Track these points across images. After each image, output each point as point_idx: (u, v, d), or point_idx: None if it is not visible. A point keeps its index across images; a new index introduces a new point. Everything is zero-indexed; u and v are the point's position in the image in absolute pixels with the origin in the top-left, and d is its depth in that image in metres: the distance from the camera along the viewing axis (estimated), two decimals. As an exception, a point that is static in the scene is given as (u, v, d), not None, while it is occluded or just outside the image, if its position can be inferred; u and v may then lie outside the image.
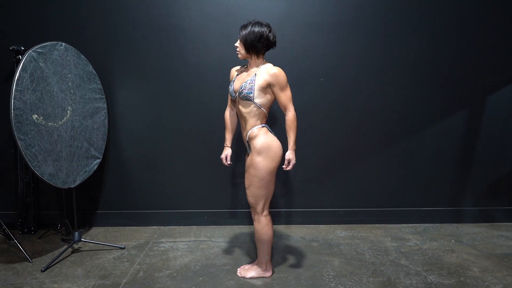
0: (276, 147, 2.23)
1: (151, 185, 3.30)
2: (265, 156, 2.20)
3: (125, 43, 3.09)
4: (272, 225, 2.35)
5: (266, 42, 2.20)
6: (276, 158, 2.23)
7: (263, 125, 2.26)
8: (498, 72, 3.22)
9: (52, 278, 2.42)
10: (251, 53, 2.23)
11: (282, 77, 2.19)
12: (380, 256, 2.75)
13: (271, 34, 2.21)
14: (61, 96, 2.65)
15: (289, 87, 2.23)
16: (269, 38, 2.20)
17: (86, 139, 2.88)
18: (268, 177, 2.23)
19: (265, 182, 2.23)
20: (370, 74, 3.18)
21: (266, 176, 2.22)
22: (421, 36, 3.14)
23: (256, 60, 2.25)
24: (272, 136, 2.26)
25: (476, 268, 2.57)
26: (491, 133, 3.30)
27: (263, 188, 2.24)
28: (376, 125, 3.26)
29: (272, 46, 2.25)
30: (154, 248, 2.89)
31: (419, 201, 3.39)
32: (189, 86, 3.16)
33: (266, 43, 2.20)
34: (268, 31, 2.19)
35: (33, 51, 2.45)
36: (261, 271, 2.43)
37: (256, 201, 2.28)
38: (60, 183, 2.62)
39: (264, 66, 2.24)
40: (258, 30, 2.17)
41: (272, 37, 2.21)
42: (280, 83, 2.19)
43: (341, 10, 3.08)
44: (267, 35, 2.18)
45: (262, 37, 2.17)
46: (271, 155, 2.21)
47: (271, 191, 2.30)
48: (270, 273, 2.44)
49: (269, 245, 2.37)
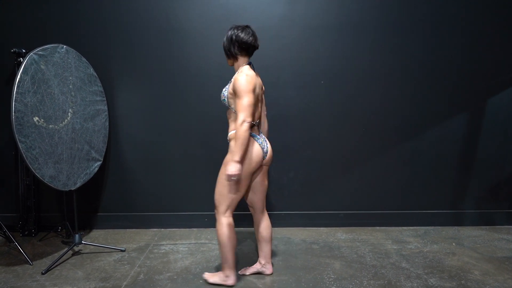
0: (251, 152, 2.18)
1: (152, 187, 3.30)
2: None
3: (126, 46, 3.10)
4: (233, 231, 2.25)
5: (238, 44, 2.15)
6: (248, 163, 2.17)
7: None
8: (499, 75, 3.22)
9: (52, 281, 2.41)
10: (231, 59, 2.23)
11: (241, 84, 2.07)
12: (381, 259, 2.74)
13: (243, 33, 2.14)
14: (62, 98, 2.66)
15: (248, 95, 2.07)
16: (239, 39, 2.14)
17: (87, 141, 2.89)
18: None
19: (232, 184, 2.18)
20: (371, 77, 3.18)
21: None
22: (423, 39, 3.14)
23: (237, 64, 2.24)
24: (251, 141, 2.19)
25: (477, 271, 2.56)
26: (492, 136, 3.30)
27: (230, 189, 2.18)
28: (377, 128, 3.26)
29: (248, 46, 2.17)
30: (154, 250, 2.89)
31: (419, 204, 3.38)
32: (189, 89, 3.17)
33: (238, 44, 2.15)
34: (240, 31, 2.14)
35: (34, 54, 2.46)
36: (224, 277, 2.33)
37: (219, 200, 2.22)
38: (60, 186, 2.62)
39: (241, 70, 2.19)
40: (230, 33, 2.17)
41: (244, 37, 2.14)
42: (237, 89, 2.08)
43: (343, 13, 3.09)
44: (237, 35, 2.14)
45: (232, 39, 2.16)
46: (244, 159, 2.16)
47: (239, 195, 2.22)
48: (232, 282, 2.31)
49: (228, 250, 2.25)
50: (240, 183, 2.19)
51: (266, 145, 2.26)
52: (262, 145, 2.23)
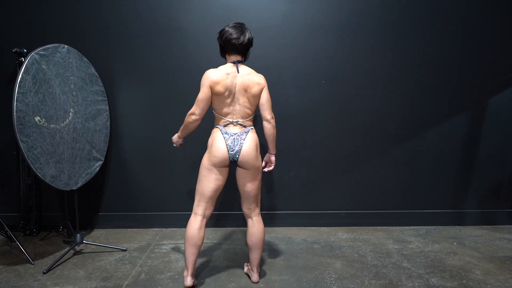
0: (210, 146, 2.24)
1: (153, 187, 3.30)
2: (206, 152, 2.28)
3: (127, 45, 3.10)
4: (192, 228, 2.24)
5: (222, 40, 2.19)
6: (207, 156, 2.25)
7: (216, 126, 2.29)
8: (500, 75, 3.22)
9: (54, 280, 2.42)
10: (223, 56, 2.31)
11: (203, 77, 2.20)
12: (382, 258, 2.74)
13: (230, 29, 2.16)
14: (63, 98, 2.66)
15: (202, 88, 2.18)
16: (222, 34, 2.18)
17: (88, 141, 2.89)
18: (202, 171, 2.26)
19: (200, 176, 2.27)
20: (371, 77, 3.18)
21: (200, 170, 2.27)
22: (423, 38, 3.14)
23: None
24: (215, 135, 2.23)
25: (478, 271, 2.56)
26: (493, 136, 3.30)
27: (198, 181, 2.28)
28: (378, 127, 3.25)
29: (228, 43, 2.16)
30: (155, 250, 2.89)
31: (421, 204, 3.38)
32: (191, 88, 3.16)
33: (222, 40, 2.19)
34: (229, 27, 2.17)
35: (35, 54, 2.46)
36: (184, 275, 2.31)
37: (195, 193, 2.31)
38: (62, 185, 2.62)
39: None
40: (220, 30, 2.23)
41: (227, 33, 2.15)
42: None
43: (343, 13, 3.08)
44: (222, 31, 2.18)
45: (219, 34, 2.21)
46: (206, 153, 2.26)
47: (203, 189, 2.25)
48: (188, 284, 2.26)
49: (186, 247, 2.26)
50: (203, 176, 2.25)
51: (235, 145, 2.19)
52: (230, 143, 2.19)
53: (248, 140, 2.21)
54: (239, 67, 2.20)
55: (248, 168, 2.25)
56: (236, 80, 2.19)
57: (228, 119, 2.25)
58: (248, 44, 2.21)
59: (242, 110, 2.23)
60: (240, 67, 2.21)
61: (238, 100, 2.22)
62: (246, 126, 2.26)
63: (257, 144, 2.27)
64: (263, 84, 2.25)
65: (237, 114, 2.24)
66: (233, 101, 2.22)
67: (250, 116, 2.27)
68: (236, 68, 2.20)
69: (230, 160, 2.22)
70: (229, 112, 2.24)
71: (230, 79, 2.18)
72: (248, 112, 2.25)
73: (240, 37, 2.15)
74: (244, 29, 2.18)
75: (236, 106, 2.23)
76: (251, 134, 2.25)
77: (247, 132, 2.24)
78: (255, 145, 2.24)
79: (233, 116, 2.24)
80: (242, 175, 2.29)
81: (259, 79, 2.23)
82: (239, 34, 2.15)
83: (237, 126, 2.24)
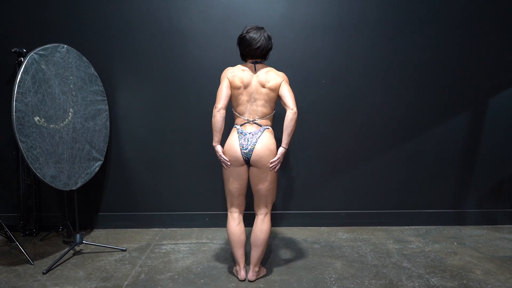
0: (226, 145, 2.30)
1: (153, 187, 3.29)
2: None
3: (127, 45, 3.10)
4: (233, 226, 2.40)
5: (241, 48, 2.28)
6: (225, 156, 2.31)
7: (234, 126, 2.34)
8: (500, 74, 3.21)
9: (53, 281, 2.42)
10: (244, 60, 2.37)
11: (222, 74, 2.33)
12: (382, 258, 2.74)
13: (249, 38, 2.20)
14: (62, 98, 2.66)
15: (221, 82, 2.28)
16: (242, 43, 2.25)
17: (88, 141, 2.89)
18: (223, 171, 2.38)
19: (223, 176, 2.39)
20: (372, 77, 3.18)
21: (223, 170, 2.38)
22: (423, 38, 3.13)
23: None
24: (231, 135, 2.31)
25: (478, 271, 2.55)
26: (494, 135, 3.29)
27: (224, 181, 2.41)
28: (378, 127, 3.25)
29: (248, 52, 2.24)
30: (155, 250, 2.88)
31: (421, 203, 3.38)
32: (190, 88, 3.17)
33: (241, 48, 2.27)
34: (248, 34, 2.21)
35: (35, 53, 2.46)
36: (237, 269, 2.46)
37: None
38: (61, 185, 2.62)
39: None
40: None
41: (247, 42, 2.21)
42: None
43: (344, 13, 3.08)
44: (242, 40, 2.24)
45: (239, 42, 2.28)
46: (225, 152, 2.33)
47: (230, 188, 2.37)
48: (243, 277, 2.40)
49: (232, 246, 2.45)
50: (223, 174, 2.37)
51: (249, 144, 2.21)
52: (243, 142, 2.22)
53: (262, 139, 2.23)
54: (256, 67, 2.27)
55: (260, 167, 2.27)
56: (253, 79, 2.24)
57: (245, 117, 2.28)
58: (268, 51, 2.28)
59: (259, 109, 2.27)
60: (258, 67, 2.28)
61: (255, 100, 2.26)
62: (262, 125, 2.28)
63: (272, 144, 2.26)
64: (282, 78, 2.27)
65: (253, 113, 2.28)
66: (249, 100, 2.26)
67: (268, 115, 2.29)
68: (254, 68, 2.26)
69: (244, 159, 2.25)
70: (246, 111, 2.28)
71: (247, 76, 2.24)
72: (264, 111, 2.27)
73: (259, 47, 2.21)
74: (263, 37, 2.21)
75: (253, 105, 2.26)
76: (266, 133, 2.26)
77: (263, 131, 2.26)
78: (269, 144, 2.24)
79: (250, 115, 2.28)
80: (253, 173, 2.31)
81: (277, 74, 2.28)
82: (257, 43, 2.20)
83: (253, 125, 2.27)
